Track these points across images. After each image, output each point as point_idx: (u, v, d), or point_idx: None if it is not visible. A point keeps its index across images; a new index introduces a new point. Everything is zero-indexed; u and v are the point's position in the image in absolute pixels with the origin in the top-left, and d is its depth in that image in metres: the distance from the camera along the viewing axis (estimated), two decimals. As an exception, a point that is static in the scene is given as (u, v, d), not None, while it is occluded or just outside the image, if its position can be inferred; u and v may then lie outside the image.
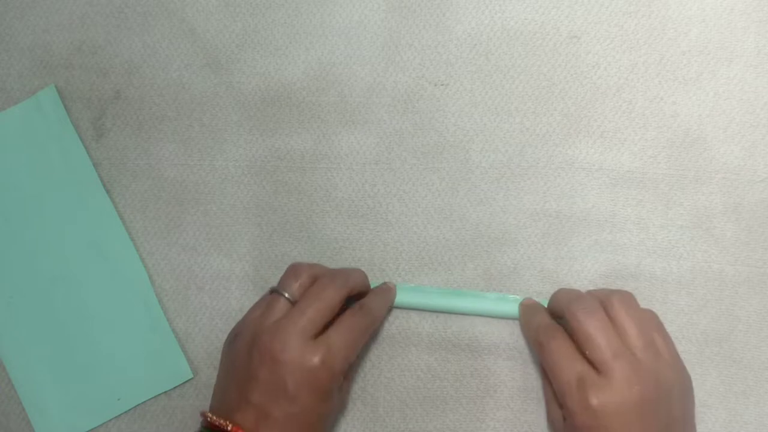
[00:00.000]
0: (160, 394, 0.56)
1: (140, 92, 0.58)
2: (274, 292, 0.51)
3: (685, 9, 0.56)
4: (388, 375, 0.55)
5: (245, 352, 0.49)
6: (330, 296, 0.50)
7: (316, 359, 0.47)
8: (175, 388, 0.56)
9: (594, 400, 0.45)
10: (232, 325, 0.52)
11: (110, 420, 0.56)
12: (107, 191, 0.57)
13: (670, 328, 0.54)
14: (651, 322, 0.49)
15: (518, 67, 0.57)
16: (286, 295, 0.50)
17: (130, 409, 0.56)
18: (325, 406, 0.48)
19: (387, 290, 0.55)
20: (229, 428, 0.46)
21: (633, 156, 0.56)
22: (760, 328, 0.54)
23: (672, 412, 0.46)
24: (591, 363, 0.47)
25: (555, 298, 0.53)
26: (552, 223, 0.56)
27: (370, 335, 0.53)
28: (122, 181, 0.58)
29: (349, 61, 0.58)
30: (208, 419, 0.47)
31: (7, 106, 0.58)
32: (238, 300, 0.57)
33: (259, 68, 0.58)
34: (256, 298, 0.56)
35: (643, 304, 0.54)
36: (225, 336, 0.52)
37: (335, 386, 0.49)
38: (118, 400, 0.56)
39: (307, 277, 0.51)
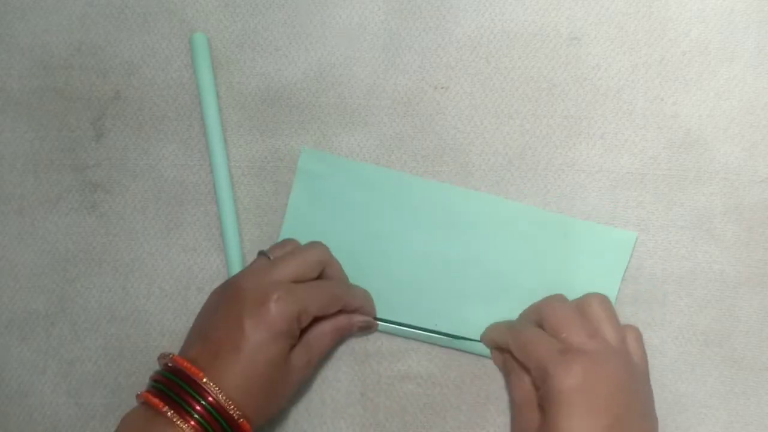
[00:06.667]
0: None
1: (140, 93, 0.58)
2: (261, 253, 0.53)
3: (686, 10, 0.56)
4: (388, 380, 0.55)
5: (217, 295, 0.51)
6: (308, 259, 0.52)
7: (274, 295, 0.48)
8: None
9: (577, 366, 0.46)
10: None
11: None
12: (108, 191, 0.57)
13: (671, 329, 0.54)
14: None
15: (518, 69, 0.57)
16: (270, 257, 0.52)
17: None
18: (274, 349, 0.48)
19: (365, 292, 0.56)
20: (172, 363, 0.48)
21: (633, 157, 0.56)
22: (761, 329, 0.54)
23: (639, 393, 0.49)
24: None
25: (522, 314, 0.54)
26: (551, 226, 0.56)
27: (336, 306, 0.52)
28: (122, 181, 0.57)
29: (349, 62, 0.58)
30: (169, 364, 0.48)
31: (7, 107, 0.58)
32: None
33: (258, 69, 0.58)
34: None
35: (644, 305, 0.55)
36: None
37: (288, 330, 0.49)
38: None
39: (292, 248, 0.54)
